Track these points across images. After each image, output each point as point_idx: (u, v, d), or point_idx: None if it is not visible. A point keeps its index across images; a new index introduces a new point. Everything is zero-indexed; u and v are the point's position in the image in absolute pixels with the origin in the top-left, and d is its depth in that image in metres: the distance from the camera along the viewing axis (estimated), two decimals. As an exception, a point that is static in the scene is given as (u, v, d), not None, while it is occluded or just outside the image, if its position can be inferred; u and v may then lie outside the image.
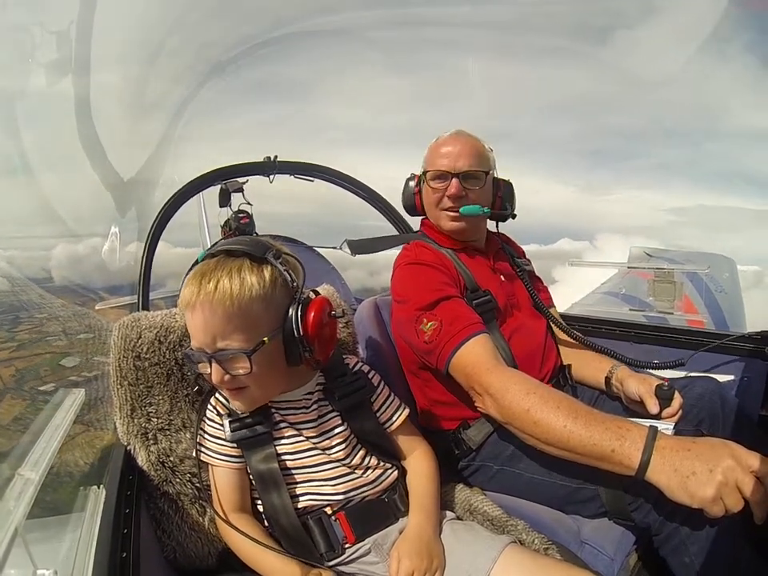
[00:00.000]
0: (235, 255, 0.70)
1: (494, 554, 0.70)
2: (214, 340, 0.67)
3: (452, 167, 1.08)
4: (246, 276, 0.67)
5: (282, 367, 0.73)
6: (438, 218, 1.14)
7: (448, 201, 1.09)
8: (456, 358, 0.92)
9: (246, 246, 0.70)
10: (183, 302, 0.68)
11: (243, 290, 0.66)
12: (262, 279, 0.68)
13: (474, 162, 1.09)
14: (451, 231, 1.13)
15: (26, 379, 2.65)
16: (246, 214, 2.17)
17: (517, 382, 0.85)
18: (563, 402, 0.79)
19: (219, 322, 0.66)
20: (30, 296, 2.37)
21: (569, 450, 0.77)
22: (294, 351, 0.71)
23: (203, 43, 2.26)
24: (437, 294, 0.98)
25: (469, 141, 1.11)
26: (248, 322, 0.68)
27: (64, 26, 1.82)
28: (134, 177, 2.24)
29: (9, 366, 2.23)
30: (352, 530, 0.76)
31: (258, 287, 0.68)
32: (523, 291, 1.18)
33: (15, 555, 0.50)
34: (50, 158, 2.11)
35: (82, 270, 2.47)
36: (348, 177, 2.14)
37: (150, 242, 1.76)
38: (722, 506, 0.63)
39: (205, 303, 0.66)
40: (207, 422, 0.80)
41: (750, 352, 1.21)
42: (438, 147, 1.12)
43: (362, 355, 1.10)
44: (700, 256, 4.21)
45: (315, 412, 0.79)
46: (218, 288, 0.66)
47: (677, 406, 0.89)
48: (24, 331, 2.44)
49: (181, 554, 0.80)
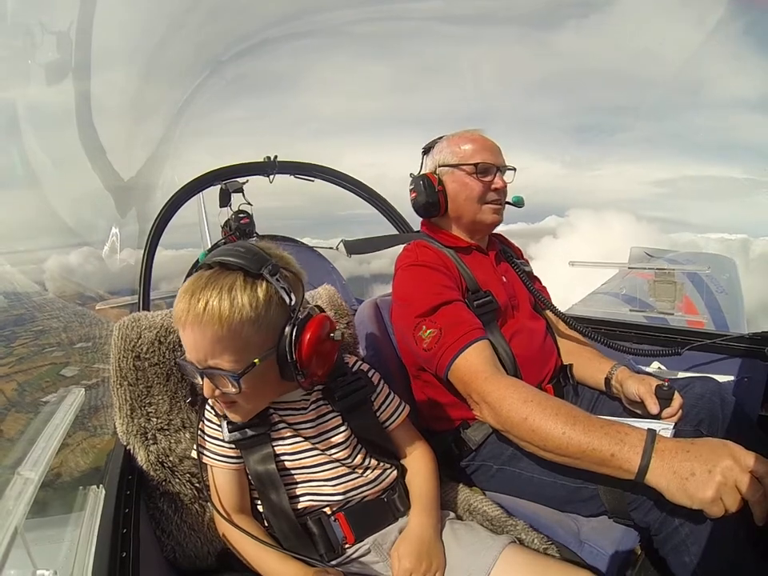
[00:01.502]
0: (230, 268, 0.67)
1: (493, 554, 0.70)
2: (204, 358, 0.66)
3: (496, 161, 1.10)
4: (237, 296, 0.64)
5: (275, 381, 0.71)
6: (476, 212, 1.11)
7: (494, 194, 1.10)
8: (454, 367, 0.92)
9: (242, 260, 0.66)
10: (175, 317, 0.67)
11: (233, 312, 0.63)
12: (255, 299, 0.65)
13: (505, 159, 1.13)
14: (491, 224, 1.14)
15: (28, 392, 2.64)
16: (246, 214, 2.18)
17: (514, 390, 0.84)
18: (561, 408, 0.79)
19: (208, 343, 0.65)
20: (26, 309, 2.36)
21: (568, 456, 0.77)
22: (287, 372, 0.69)
23: (198, 44, 2.27)
24: (437, 299, 0.98)
25: (490, 139, 1.15)
26: (238, 345, 0.65)
27: (64, 27, 1.82)
28: (134, 177, 2.25)
29: (10, 381, 2.24)
30: (352, 530, 0.76)
31: (249, 309, 0.64)
32: (523, 292, 1.17)
33: (15, 555, 0.50)
34: (45, 165, 2.11)
35: (77, 278, 2.47)
36: (348, 177, 2.14)
37: (150, 241, 1.76)
38: (721, 507, 0.63)
39: (194, 323, 0.64)
40: (206, 422, 0.80)
41: (749, 352, 1.22)
42: (471, 141, 1.12)
43: (362, 355, 1.10)
44: (700, 256, 4.20)
45: (314, 412, 0.79)
46: (207, 309, 0.63)
47: (677, 406, 0.89)
48: (21, 345, 2.44)
49: (180, 554, 0.80)
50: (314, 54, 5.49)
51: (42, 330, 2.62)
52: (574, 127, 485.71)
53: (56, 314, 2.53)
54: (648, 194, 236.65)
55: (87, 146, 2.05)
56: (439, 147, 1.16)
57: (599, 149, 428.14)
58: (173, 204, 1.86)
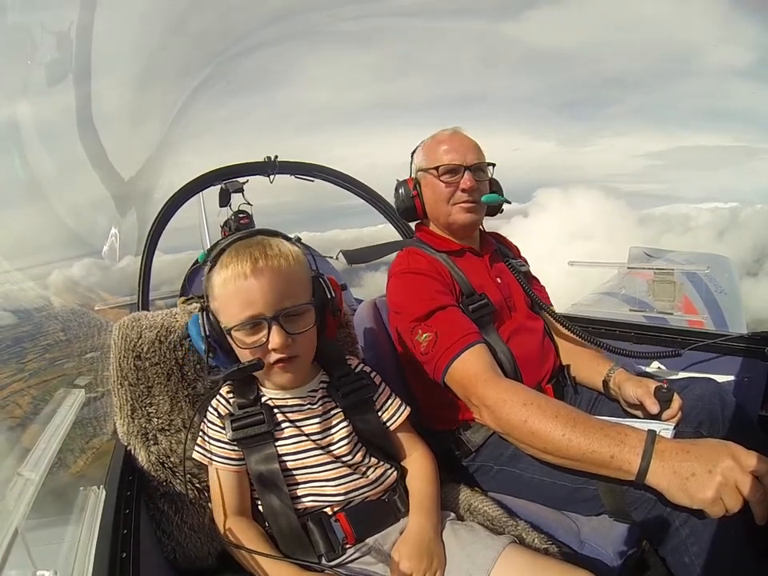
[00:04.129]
0: (267, 234, 0.78)
1: (493, 554, 0.70)
2: (281, 299, 0.71)
3: (463, 160, 1.08)
4: (288, 245, 0.76)
5: (315, 336, 0.79)
6: (448, 214, 1.11)
7: (462, 194, 1.09)
8: (452, 370, 0.93)
9: (266, 232, 0.78)
10: (241, 270, 0.71)
11: (297, 254, 0.76)
12: (297, 250, 0.77)
13: (480, 156, 1.11)
14: (464, 224, 1.11)
15: (42, 405, 2.61)
16: (245, 214, 2.17)
17: (514, 393, 0.85)
18: (561, 410, 0.79)
19: (285, 279, 0.72)
20: (33, 325, 2.35)
21: (569, 459, 0.77)
22: (324, 316, 0.80)
23: (193, 47, 2.27)
24: (431, 305, 0.98)
25: (468, 136, 1.13)
26: (304, 281, 0.77)
27: (64, 27, 1.82)
28: (134, 177, 2.25)
29: (24, 396, 2.23)
30: (353, 531, 0.76)
31: (300, 253, 0.78)
32: (520, 292, 1.17)
33: (15, 555, 0.50)
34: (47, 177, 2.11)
35: (83, 289, 2.47)
36: (348, 177, 2.14)
37: (150, 240, 1.76)
38: (721, 507, 0.63)
39: (272, 265, 0.71)
40: (208, 424, 0.80)
41: (749, 352, 1.22)
42: (440, 144, 1.12)
43: (362, 356, 1.10)
44: (699, 256, 4.21)
45: (320, 408, 0.80)
46: (282, 251, 0.74)
47: (676, 408, 0.89)
48: (31, 360, 2.43)
49: (180, 555, 0.80)
50: (301, 50, 5.51)
51: (50, 343, 2.63)
52: (562, 104, 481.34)
53: (64, 326, 2.54)
54: (640, 167, 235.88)
55: (89, 149, 2.05)
56: (417, 151, 1.18)
57: (589, 124, 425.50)
58: (173, 203, 1.86)
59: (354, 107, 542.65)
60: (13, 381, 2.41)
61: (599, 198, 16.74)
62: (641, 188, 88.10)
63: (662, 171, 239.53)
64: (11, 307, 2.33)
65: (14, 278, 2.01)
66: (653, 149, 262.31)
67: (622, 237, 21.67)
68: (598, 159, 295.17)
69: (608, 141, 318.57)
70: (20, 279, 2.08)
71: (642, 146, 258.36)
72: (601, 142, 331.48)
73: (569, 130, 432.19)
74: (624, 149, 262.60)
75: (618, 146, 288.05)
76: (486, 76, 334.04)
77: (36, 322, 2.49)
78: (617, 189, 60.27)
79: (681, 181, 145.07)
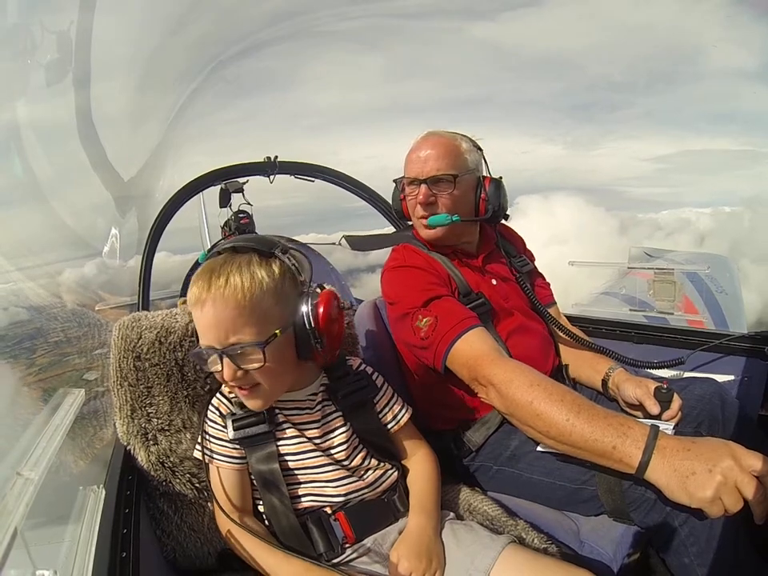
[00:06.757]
0: (242, 252, 0.71)
1: (493, 554, 0.70)
2: (226, 335, 0.67)
3: (420, 172, 1.04)
4: (255, 270, 0.68)
5: (292, 361, 0.74)
6: (417, 226, 1.12)
7: (420, 209, 1.06)
8: (454, 351, 0.91)
9: (253, 243, 0.71)
10: (192, 298, 0.68)
11: (254, 284, 0.67)
12: (271, 273, 0.69)
13: (442, 165, 1.03)
14: (427, 240, 1.10)
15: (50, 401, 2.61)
16: (246, 215, 2.18)
17: (521, 373, 0.84)
18: (567, 395, 0.79)
19: (231, 315, 0.66)
20: (43, 321, 2.36)
21: (570, 445, 0.76)
22: (305, 344, 0.72)
23: (194, 48, 2.28)
24: (428, 294, 0.98)
25: (440, 142, 1.05)
26: (260, 315, 0.68)
27: (65, 27, 1.83)
28: (134, 177, 2.26)
29: (36, 389, 2.24)
30: (352, 530, 0.77)
31: (269, 280, 0.68)
32: (519, 293, 1.16)
33: (15, 555, 0.50)
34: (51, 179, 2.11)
35: (94, 287, 2.48)
36: (348, 177, 2.14)
37: (150, 242, 1.76)
38: (721, 506, 0.63)
39: (216, 298, 0.66)
40: (209, 423, 0.80)
41: (749, 352, 1.21)
42: (410, 152, 1.09)
43: (362, 356, 1.10)
44: (700, 256, 4.21)
45: (319, 413, 0.80)
46: (229, 282, 0.66)
47: (676, 408, 0.89)
48: (41, 356, 2.44)
49: (180, 554, 0.80)
50: (306, 51, 5.56)
51: (59, 340, 2.64)
52: (571, 107, 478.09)
53: (73, 324, 2.55)
54: (649, 170, 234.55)
55: (89, 150, 2.05)
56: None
57: (599, 127, 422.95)
58: (174, 203, 1.86)
59: (362, 109, 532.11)
60: (26, 374, 2.42)
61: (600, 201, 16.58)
62: (647, 192, 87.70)
63: (669, 174, 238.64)
64: (24, 304, 2.34)
65: (14, 276, 2.01)
66: (661, 152, 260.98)
67: (625, 240, 21.63)
68: (606, 162, 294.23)
69: (616, 144, 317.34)
70: (21, 278, 2.09)
71: (651, 149, 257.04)
72: (609, 144, 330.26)
73: (577, 133, 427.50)
74: (634, 152, 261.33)
75: (627, 150, 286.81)
76: (495, 79, 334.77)
77: (46, 319, 2.50)
78: (624, 192, 60.02)
79: (688, 184, 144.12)
